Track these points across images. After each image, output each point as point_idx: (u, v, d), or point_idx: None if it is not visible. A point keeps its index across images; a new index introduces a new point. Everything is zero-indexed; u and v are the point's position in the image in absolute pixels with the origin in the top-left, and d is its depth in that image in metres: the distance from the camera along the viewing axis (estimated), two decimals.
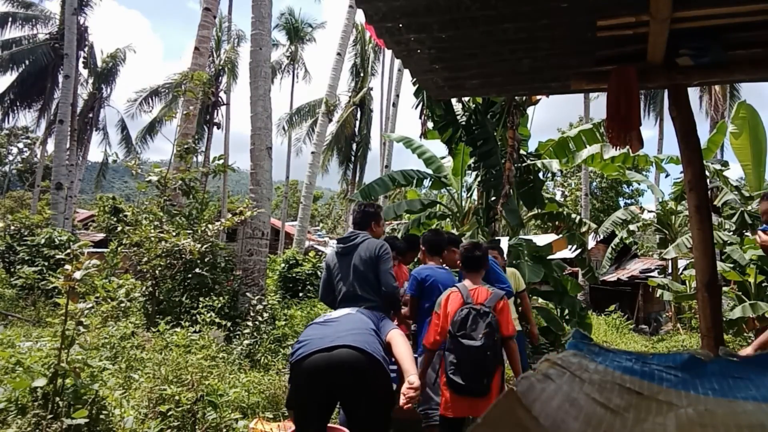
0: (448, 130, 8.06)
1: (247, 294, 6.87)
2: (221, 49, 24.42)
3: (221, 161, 8.70)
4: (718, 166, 10.68)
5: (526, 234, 13.86)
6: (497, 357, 3.01)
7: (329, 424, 2.67)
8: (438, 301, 3.19)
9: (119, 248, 7.40)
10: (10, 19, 22.04)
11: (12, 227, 10.77)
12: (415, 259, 5.14)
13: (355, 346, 2.40)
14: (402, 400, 2.37)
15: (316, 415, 2.47)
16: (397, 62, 16.08)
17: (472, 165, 8.20)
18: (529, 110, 8.38)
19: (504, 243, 7.35)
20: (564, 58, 2.46)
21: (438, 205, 9.42)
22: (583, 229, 9.22)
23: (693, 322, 11.10)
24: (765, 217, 3.05)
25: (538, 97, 7.28)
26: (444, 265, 3.98)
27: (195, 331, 4.93)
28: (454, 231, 8.69)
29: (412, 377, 2.42)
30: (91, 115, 24.35)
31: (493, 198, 7.45)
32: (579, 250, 8.39)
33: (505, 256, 5.43)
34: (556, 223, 9.32)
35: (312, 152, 12.61)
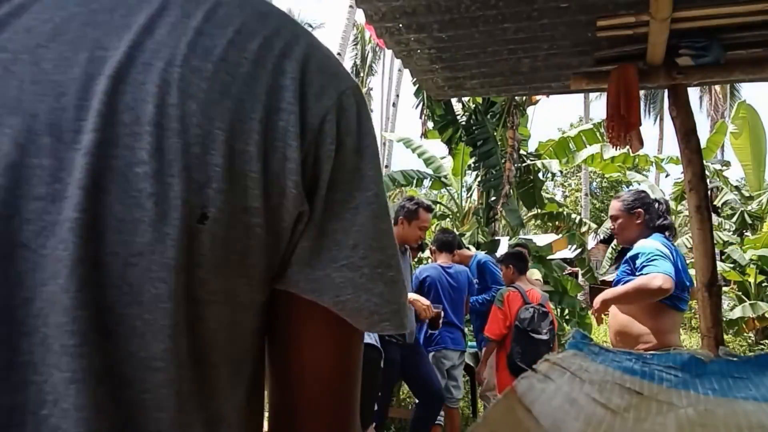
0: (448, 130, 8.06)
1: None
2: None
3: None
4: (718, 166, 10.68)
5: (526, 234, 13.86)
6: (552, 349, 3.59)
7: None
8: (499, 299, 3.69)
9: None
10: None
11: None
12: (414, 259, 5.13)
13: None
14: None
15: None
16: (397, 62, 16.09)
17: (472, 165, 8.19)
18: (529, 110, 8.38)
19: (504, 243, 7.35)
20: (564, 58, 2.46)
21: (438, 205, 9.42)
22: (583, 229, 9.22)
23: (693, 322, 11.10)
24: (613, 224, 2.63)
25: (538, 97, 7.26)
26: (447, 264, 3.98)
27: None
28: (455, 231, 8.68)
29: None
30: None
31: (493, 198, 7.45)
32: (579, 250, 8.39)
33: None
34: (556, 223, 9.32)
35: None
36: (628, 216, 2.45)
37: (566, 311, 7.52)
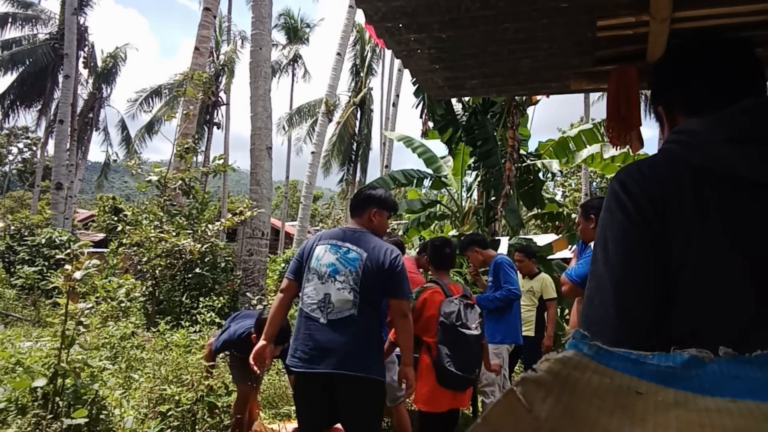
0: (448, 130, 8.06)
1: (247, 294, 6.87)
2: (221, 49, 24.43)
3: (221, 161, 8.70)
4: None
5: (526, 234, 13.86)
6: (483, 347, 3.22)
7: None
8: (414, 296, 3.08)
9: (119, 248, 7.40)
10: (10, 19, 22.04)
11: (12, 227, 10.78)
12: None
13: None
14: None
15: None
16: (397, 62, 16.08)
17: (472, 165, 8.20)
18: (529, 110, 8.38)
19: (504, 243, 7.35)
20: (564, 58, 2.46)
21: (438, 205, 9.42)
22: None
23: None
24: (582, 235, 2.83)
25: (538, 97, 7.27)
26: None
27: (195, 331, 4.93)
28: (454, 231, 8.68)
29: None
30: (91, 115, 24.35)
31: (493, 198, 7.45)
32: None
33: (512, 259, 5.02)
34: (556, 223, 9.32)
35: (312, 152, 12.62)
36: (585, 221, 2.79)
37: (566, 311, 7.51)
